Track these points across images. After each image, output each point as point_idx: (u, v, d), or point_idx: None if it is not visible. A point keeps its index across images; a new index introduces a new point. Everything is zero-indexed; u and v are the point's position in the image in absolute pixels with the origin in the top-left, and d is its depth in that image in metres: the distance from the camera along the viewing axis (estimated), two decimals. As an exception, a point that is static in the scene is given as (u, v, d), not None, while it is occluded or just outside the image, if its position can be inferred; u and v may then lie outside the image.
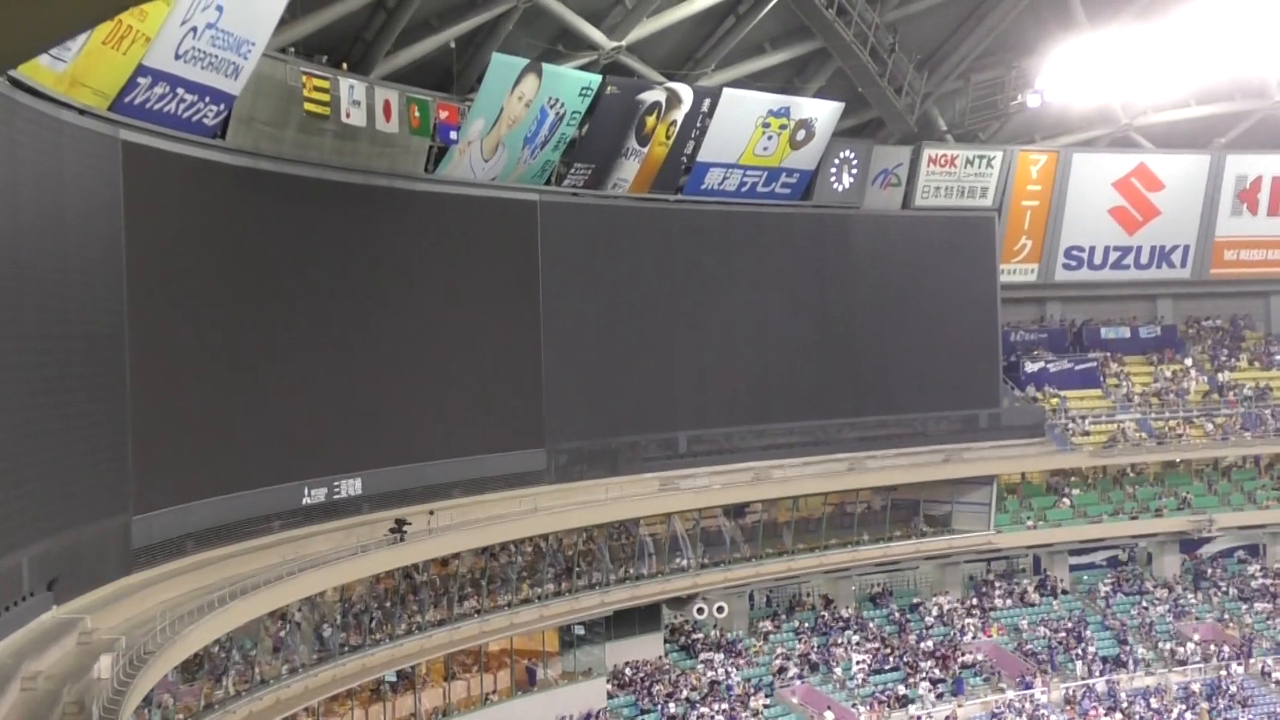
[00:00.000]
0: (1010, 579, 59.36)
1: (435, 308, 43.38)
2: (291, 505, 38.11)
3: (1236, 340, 67.13)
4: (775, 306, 53.79)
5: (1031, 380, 62.08)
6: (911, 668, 52.12)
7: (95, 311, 30.96)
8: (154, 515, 32.82)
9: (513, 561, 45.02)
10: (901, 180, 56.81)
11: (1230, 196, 63.80)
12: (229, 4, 32.17)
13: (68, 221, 29.68)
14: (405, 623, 40.99)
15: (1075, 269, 63.18)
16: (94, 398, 30.66)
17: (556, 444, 47.23)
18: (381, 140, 40.12)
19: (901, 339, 56.34)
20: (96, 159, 30.91)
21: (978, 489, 56.51)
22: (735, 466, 52.23)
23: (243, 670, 34.74)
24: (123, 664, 25.59)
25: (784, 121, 51.33)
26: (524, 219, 46.35)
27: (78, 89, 29.59)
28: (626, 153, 48.30)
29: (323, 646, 37.94)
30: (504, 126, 43.11)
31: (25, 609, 26.90)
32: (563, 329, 47.30)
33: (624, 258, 49.75)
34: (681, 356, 51.24)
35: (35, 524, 27.69)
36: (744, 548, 52.61)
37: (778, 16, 50.09)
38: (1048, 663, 53.59)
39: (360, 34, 41.41)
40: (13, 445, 26.85)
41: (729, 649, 51.63)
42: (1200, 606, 58.70)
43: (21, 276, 27.49)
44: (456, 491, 43.41)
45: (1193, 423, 61.47)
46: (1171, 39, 52.82)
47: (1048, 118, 59.83)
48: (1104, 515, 58.80)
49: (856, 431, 55.38)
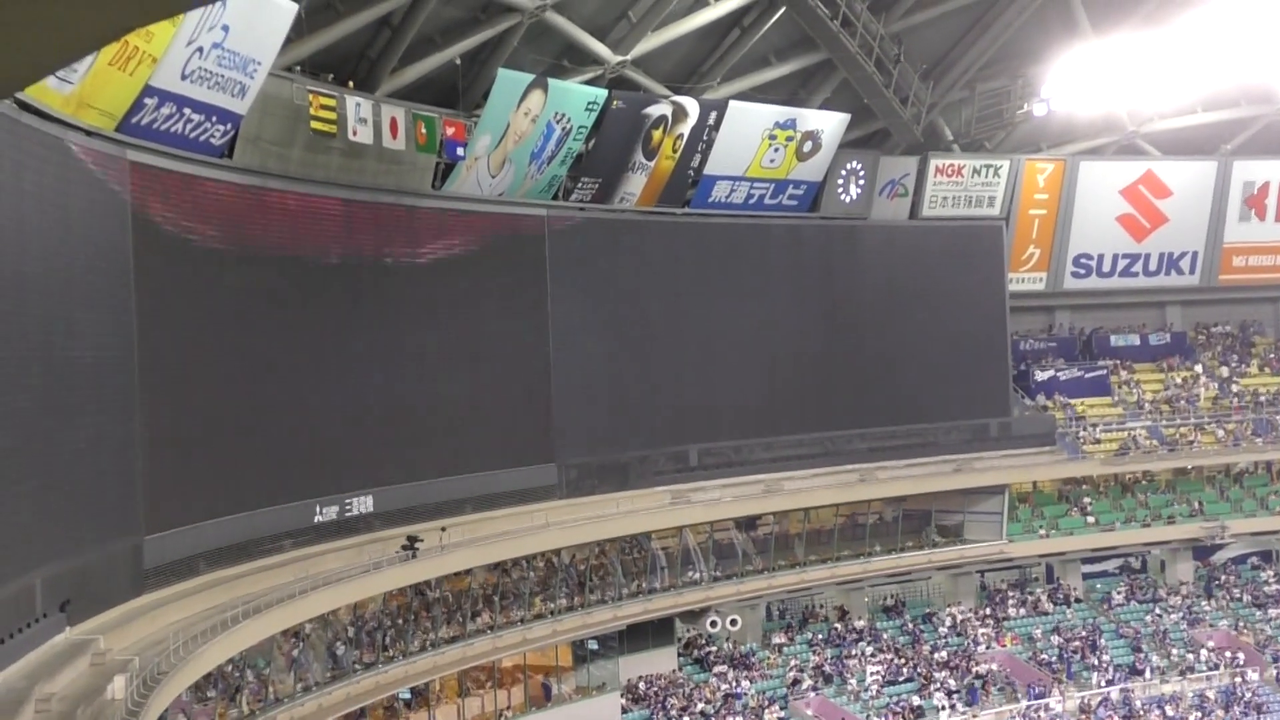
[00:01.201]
0: (1023, 588, 59.23)
1: (445, 324, 43.36)
2: (303, 524, 38.10)
3: (1246, 346, 67.01)
4: (784, 318, 53.75)
5: (1042, 389, 61.97)
6: (926, 678, 52.01)
7: (104, 332, 30.99)
8: (166, 535, 32.84)
9: (525, 577, 44.98)
10: (909, 190, 56.81)
11: (1238, 202, 63.69)
12: (234, 24, 32.27)
13: (75, 242, 29.74)
14: (418, 640, 40.96)
15: (1084, 277, 63.08)
16: (104, 419, 30.69)
17: (567, 459, 47.19)
18: (388, 157, 40.18)
19: (911, 349, 56.26)
20: (104, 179, 30.97)
21: (989, 498, 56.36)
22: (746, 479, 52.13)
23: (256, 689, 34.73)
24: (136, 685, 25.59)
25: (790, 133, 51.36)
26: (532, 233, 46.35)
27: (85, 110, 29.67)
28: (633, 167, 48.33)
29: (336, 664, 37.90)
30: (510, 142, 43.15)
31: (38, 630, 26.90)
32: (572, 343, 47.29)
33: (632, 272, 49.75)
34: (691, 369, 51.18)
35: (48, 545, 27.72)
36: (756, 560, 52.52)
37: (783, 29, 50.16)
38: (1063, 672, 53.46)
39: (365, 52, 41.48)
40: (24, 467, 26.88)
41: (742, 662, 51.53)
42: (1214, 613, 58.53)
43: (29, 298, 27.53)
44: (468, 508, 43.38)
45: (1204, 429, 61.35)
46: (1176, 45, 52.79)
47: (1054, 126, 59.81)
48: (1116, 523, 58.68)
49: (867, 442, 55.24)
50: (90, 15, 7.12)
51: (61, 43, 7.33)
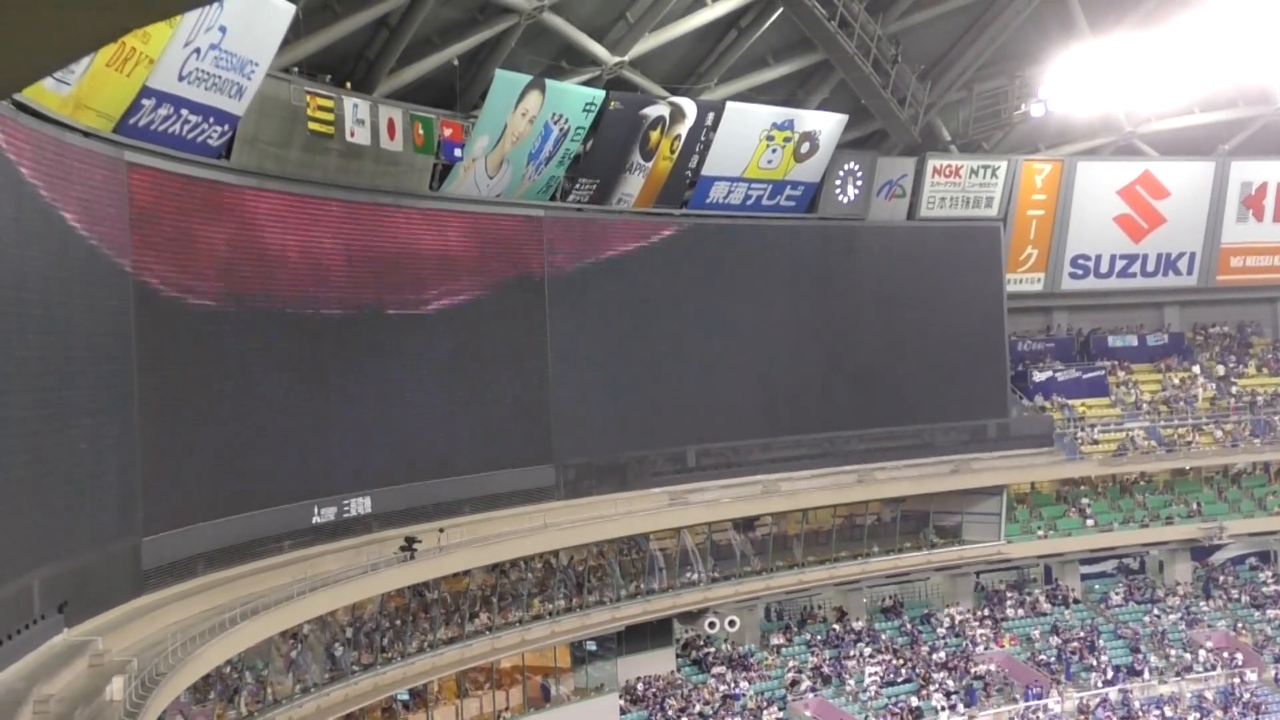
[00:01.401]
0: (1021, 589, 59.25)
1: (444, 325, 43.36)
2: (301, 525, 38.10)
3: (1244, 347, 67.02)
4: (782, 319, 53.73)
5: (1039, 389, 61.98)
6: (924, 679, 52.02)
7: (102, 333, 30.97)
8: (164, 536, 32.84)
9: (523, 578, 44.96)
10: (906, 191, 56.80)
11: (1235, 203, 63.70)
12: (232, 25, 32.27)
13: (74, 243, 29.71)
14: (417, 641, 40.95)
15: (1082, 278, 63.09)
16: (103, 420, 30.67)
17: (565, 460, 47.18)
18: (386, 158, 40.18)
19: (909, 350, 56.26)
20: (102, 180, 30.95)
21: (987, 499, 56.36)
22: (744, 480, 52.12)
23: (255, 690, 34.70)
24: (135, 686, 25.57)
25: (788, 134, 51.36)
26: (530, 234, 46.34)
27: (82, 111, 29.67)
28: (631, 167, 48.33)
29: (334, 666, 37.88)
30: (508, 143, 43.15)
31: (36, 632, 26.90)
32: (570, 344, 47.28)
33: (630, 272, 49.72)
34: (689, 370, 51.16)
35: (46, 547, 27.71)
36: (754, 561, 52.51)
37: (780, 30, 50.18)
38: (1061, 672, 53.46)
39: (363, 53, 41.49)
40: (22, 468, 26.87)
41: (741, 663, 51.53)
42: (1212, 614, 58.55)
43: (28, 298, 27.52)
44: (466, 509, 43.36)
45: (1202, 430, 61.36)
46: (1174, 46, 52.79)
47: (1051, 127, 59.83)
48: (1114, 524, 58.70)
49: (865, 443, 55.23)
50: (88, 16, 7.12)
51: (60, 44, 7.33)
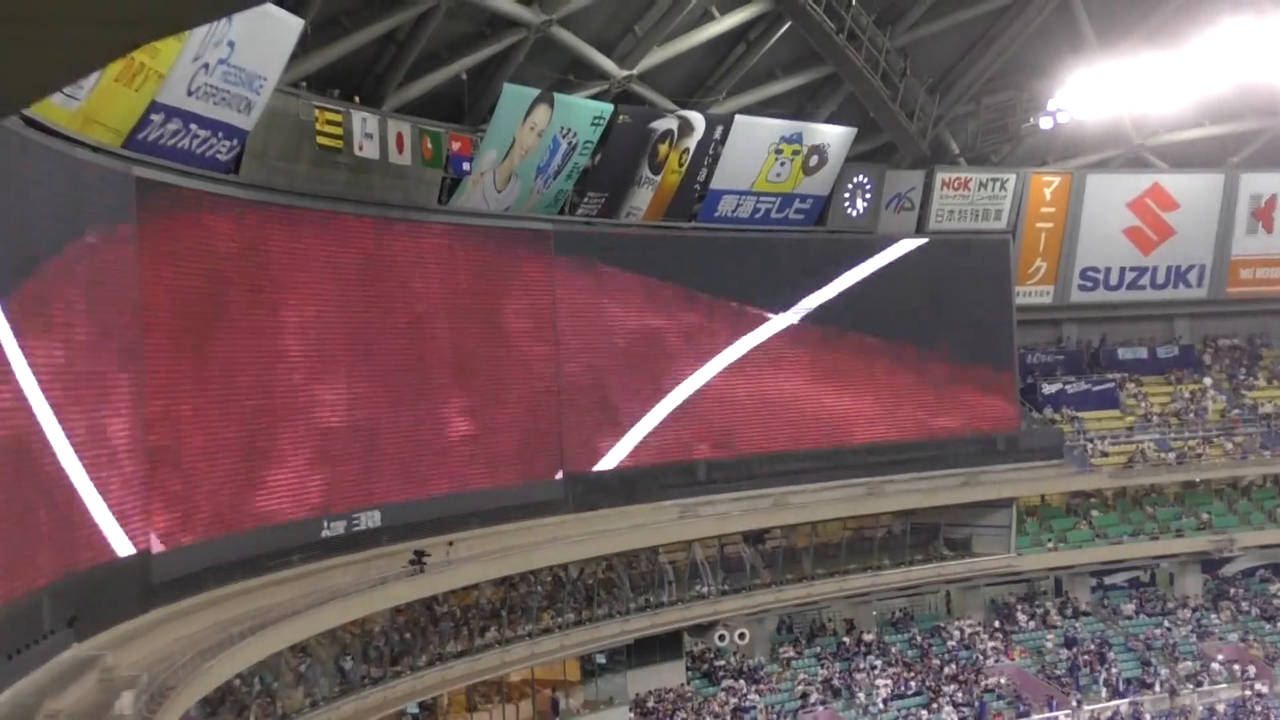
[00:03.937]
0: (1032, 601, 59.13)
1: (451, 338, 43.39)
2: (311, 539, 38.10)
3: (1254, 359, 66.89)
4: (791, 331, 53.61)
5: (1049, 402, 61.86)
6: (934, 692, 51.91)
7: (110, 345, 30.99)
8: (174, 551, 32.84)
9: (533, 591, 44.96)
10: (915, 204, 56.76)
11: (1245, 215, 63.55)
12: (241, 40, 32.35)
13: (81, 256, 29.75)
14: (426, 654, 40.93)
15: (1091, 290, 62.99)
16: (110, 433, 30.68)
17: (574, 473, 47.15)
18: (394, 172, 40.25)
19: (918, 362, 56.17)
20: (111, 196, 31.01)
21: (997, 512, 56.26)
22: (754, 493, 52.03)
23: (265, 704, 34.71)
24: (144, 700, 25.55)
25: (796, 147, 51.38)
26: (538, 248, 46.38)
27: (91, 127, 29.74)
28: (640, 181, 48.37)
29: (344, 679, 37.90)
30: (517, 157, 43.21)
31: (46, 647, 26.89)
32: (579, 357, 47.28)
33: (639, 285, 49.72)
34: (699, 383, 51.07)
35: (55, 561, 27.71)
36: (764, 574, 52.46)
37: (788, 43, 50.22)
38: (1071, 685, 53.31)
39: (371, 67, 41.58)
40: (31, 481, 26.88)
41: (751, 676, 51.45)
42: (1223, 626, 58.39)
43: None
44: (474, 522, 43.34)
45: (1212, 442, 61.23)
46: (1183, 59, 52.72)
47: (1060, 139, 59.80)
48: (1124, 536, 58.58)
49: (875, 455, 55.18)
50: (97, 32, 7.15)
51: (69, 59, 7.37)
